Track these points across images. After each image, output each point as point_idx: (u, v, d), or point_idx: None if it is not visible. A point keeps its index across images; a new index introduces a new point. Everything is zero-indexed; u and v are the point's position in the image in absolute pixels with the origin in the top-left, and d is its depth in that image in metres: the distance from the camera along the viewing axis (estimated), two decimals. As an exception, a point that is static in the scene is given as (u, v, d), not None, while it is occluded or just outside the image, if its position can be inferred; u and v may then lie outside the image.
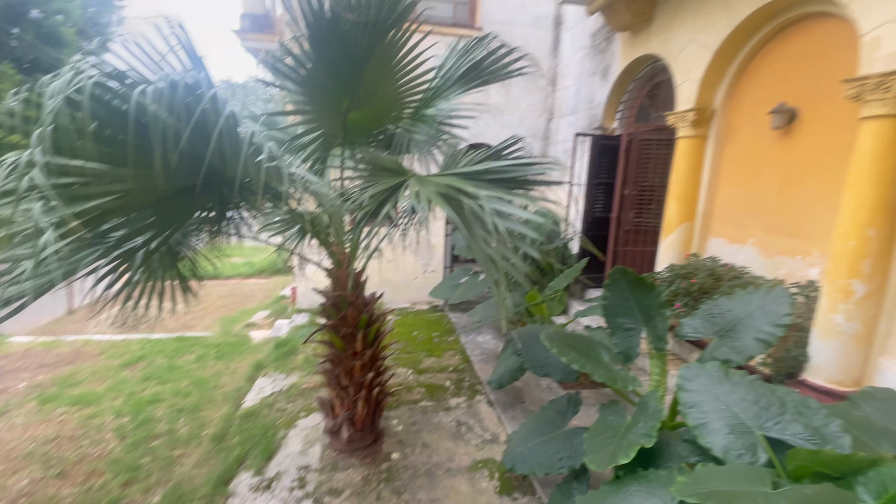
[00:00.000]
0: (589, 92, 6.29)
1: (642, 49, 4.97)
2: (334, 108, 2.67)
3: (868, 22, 2.69)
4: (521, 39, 7.09)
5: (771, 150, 3.63)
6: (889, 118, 2.58)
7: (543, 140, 7.62)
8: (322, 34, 2.22)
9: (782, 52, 3.59)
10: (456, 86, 3.08)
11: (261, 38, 8.47)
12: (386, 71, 2.62)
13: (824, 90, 3.16)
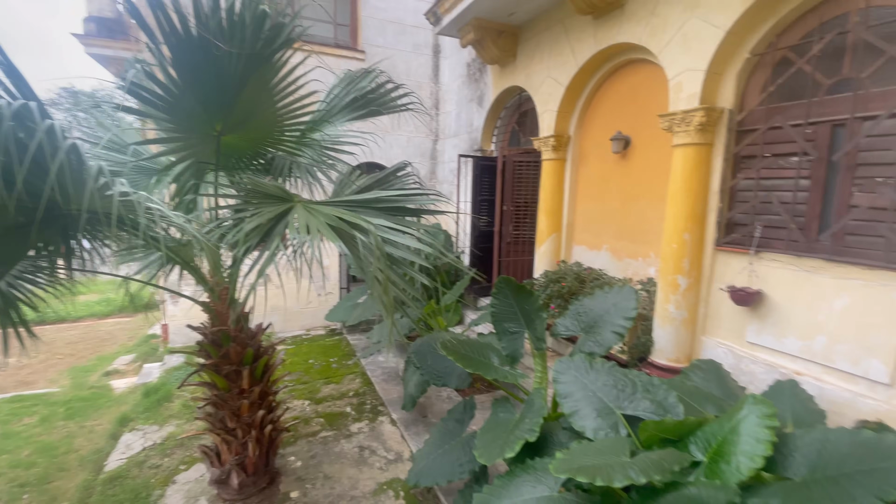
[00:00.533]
0: (468, 116, 6.78)
1: (510, 81, 5.55)
2: (205, 132, 2.49)
3: (673, 69, 3.41)
4: (403, 64, 7.39)
5: (614, 171, 4.34)
6: (692, 146, 3.29)
7: (431, 160, 7.96)
8: (188, 58, 2.08)
9: (617, 89, 4.34)
10: (342, 113, 3.12)
11: (110, 44, 7.47)
12: (264, 93, 2.53)
13: (648, 122, 3.90)
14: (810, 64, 2.81)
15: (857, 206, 2.63)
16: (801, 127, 2.85)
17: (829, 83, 2.76)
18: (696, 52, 3.19)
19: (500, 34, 5.31)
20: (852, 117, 2.63)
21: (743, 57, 3.10)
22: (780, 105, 2.98)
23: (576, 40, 4.38)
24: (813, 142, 2.82)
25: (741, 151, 3.20)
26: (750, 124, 3.14)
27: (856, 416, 2.60)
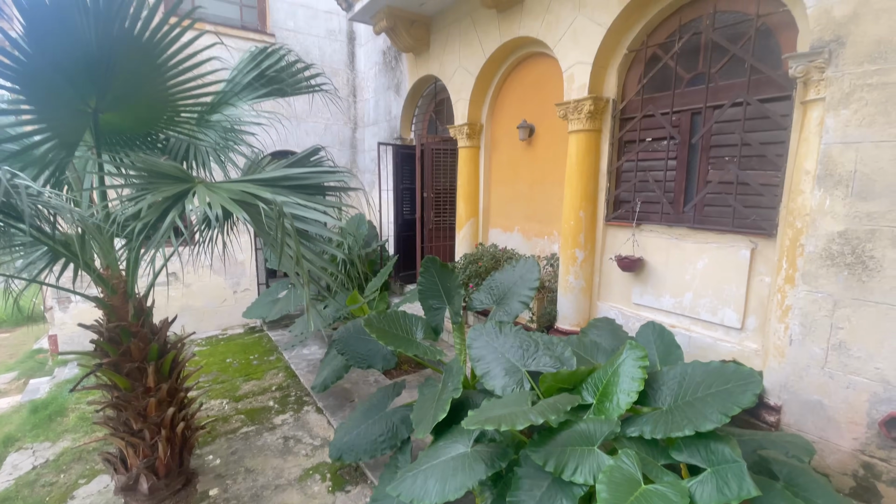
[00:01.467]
0: (386, 104, 6.80)
1: (425, 70, 5.67)
2: (75, 108, 2.28)
3: (566, 62, 3.75)
4: (316, 50, 7.19)
5: (522, 157, 4.66)
6: (584, 132, 3.65)
7: (351, 148, 7.85)
8: (43, 28, 1.89)
9: (522, 79, 4.65)
10: (245, 92, 3.00)
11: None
12: (149, 71, 2.37)
13: (549, 111, 4.24)
14: (673, 60, 3.26)
15: (711, 181, 3.13)
16: (668, 115, 3.31)
17: (689, 77, 3.23)
18: (583, 47, 3.54)
19: (413, 23, 5.39)
20: (705, 106, 3.11)
21: (622, 52, 3.50)
22: (653, 96, 3.42)
23: (483, 32, 4.61)
24: (678, 127, 3.28)
25: (624, 137, 3.62)
26: (630, 112, 3.57)
27: (716, 358, 3.11)
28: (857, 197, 2.30)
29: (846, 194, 2.33)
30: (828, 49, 2.37)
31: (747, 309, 2.97)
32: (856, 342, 2.32)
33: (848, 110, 2.32)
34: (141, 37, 2.13)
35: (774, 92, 2.79)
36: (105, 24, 1.99)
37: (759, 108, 2.86)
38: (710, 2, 3.07)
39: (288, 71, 3.24)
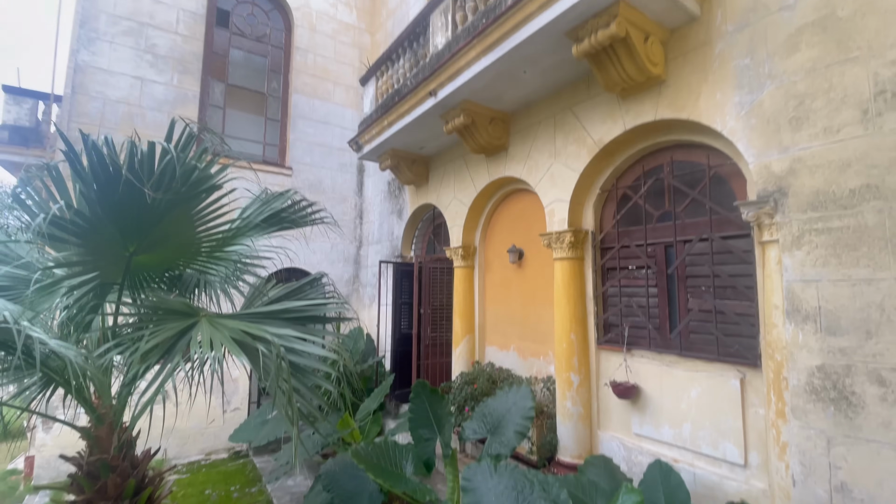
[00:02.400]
0: (389, 227, 7.34)
1: (424, 199, 6.26)
2: (117, 253, 2.54)
3: (546, 199, 4.18)
4: (329, 180, 7.99)
5: (513, 278, 4.90)
6: (567, 260, 3.92)
7: (355, 264, 8.24)
8: (114, 193, 2.21)
9: (510, 210, 5.11)
10: (255, 230, 3.33)
11: (23, 152, 7.29)
12: (184, 219, 2.67)
13: (535, 238, 4.59)
14: (642, 200, 3.65)
15: (692, 308, 3.27)
16: (643, 247, 3.59)
17: (658, 214, 3.58)
18: (561, 187, 3.99)
19: (414, 162, 6.11)
20: (676, 240, 3.40)
21: (596, 192, 3.94)
22: (628, 229, 3.76)
23: (474, 171, 5.21)
24: (653, 258, 3.54)
25: (605, 264, 3.88)
26: (608, 243, 3.87)
27: (724, 498, 2.91)
28: (826, 332, 2.41)
29: (816, 329, 2.44)
30: (773, 198, 2.69)
31: (747, 443, 2.88)
32: (856, 483, 2.23)
33: (801, 251, 2.55)
34: (185, 190, 2.48)
35: (735, 230, 3.08)
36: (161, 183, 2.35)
37: (723, 244, 3.13)
38: (667, 153, 3.55)
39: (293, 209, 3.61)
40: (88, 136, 2.19)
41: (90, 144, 2.14)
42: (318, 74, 7.98)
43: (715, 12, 3.04)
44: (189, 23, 6.76)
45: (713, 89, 3.01)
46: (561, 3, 3.00)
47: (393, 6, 8.00)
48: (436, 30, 4.56)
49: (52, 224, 2.21)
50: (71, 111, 6.02)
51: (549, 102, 4.22)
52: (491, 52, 3.65)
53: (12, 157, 7.39)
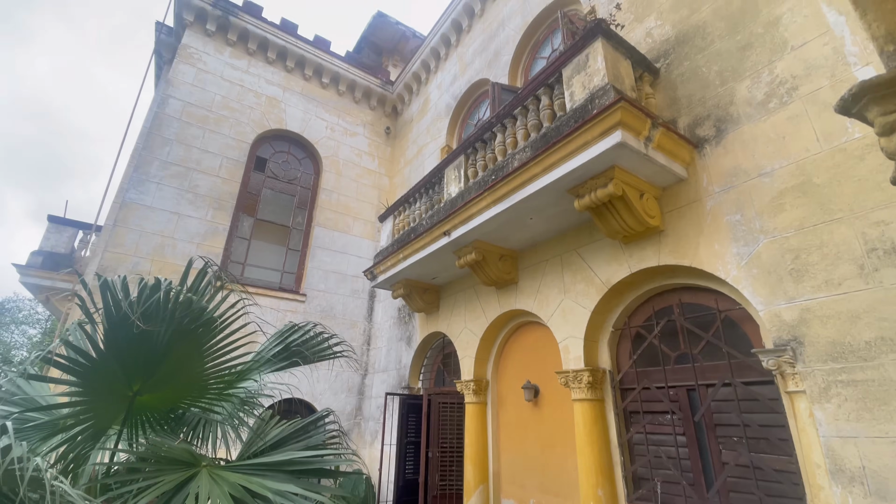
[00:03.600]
0: (398, 354, 7.22)
1: (434, 327, 6.29)
2: (120, 392, 2.51)
3: (559, 335, 4.19)
4: (340, 306, 8.13)
5: (530, 417, 4.64)
6: (587, 402, 3.76)
7: (359, 395, 7.89)
8: (121, 330, 2.29)
9: (522, 343, 5.08)
10: (267, 365, 3.31)
11: (51, 276, 7.65)
12: (193, 355, 2.70)
13: (551, 374, 4.47)
14: (657, 340, 3.65)
15: (727, 462, 3.02)
16: (665, 389, 3.48)
17: (674, 355, 3.54)
18: (573, 324, 4.04)
19: (426, 291, 6.30)
20: (697, 384, 3.30)
21: (609, 329, 3.96)
22: (646, 369, 3.68)
23: (485, 302, 5.33)
24: (677, 402, 3.39)
25: (627, 407, 3.70)
26: (628, 383, 3.76)
27: None
28: (877, 496, 2.19)
29: (865, 493, 2.23)
30: (790, 347, 2.70)
31: None
32: None
33: (831, 404, 2.46)
34: (194, 327, 2.54)
35: (757, 376, 3.01)
36: (173, 321, 2.43)
37: (747, 391, 3.03)
38: (675, 295, 3.67)
39: (310, 343, 3.63)
40: (103, 276, 2.34)
41: (104, 282, 2.28)
42: (339, 210, 8.71)
43: (700, 175, 3.43)
44: (230, 168, 7.66)
45: (710, 240, 3.24)
46: (561, 168, 3.43)
47: (410, 156, 9.10)
48: (450, 181, 5.12)
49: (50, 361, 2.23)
50: (108, 241, 6.48)
51: (555, 243, 4.51)
52: (500, 203, 4.04)
53: (41, 280, 7.74)
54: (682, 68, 3.81)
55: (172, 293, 2.29)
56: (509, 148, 4.29)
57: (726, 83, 3.46)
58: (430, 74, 9.14)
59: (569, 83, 3.62)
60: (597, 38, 3.45)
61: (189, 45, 7.91)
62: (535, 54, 6.53)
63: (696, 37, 3.80)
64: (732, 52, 3.48)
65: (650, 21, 4.24)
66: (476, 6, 7.78)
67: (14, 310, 23.89)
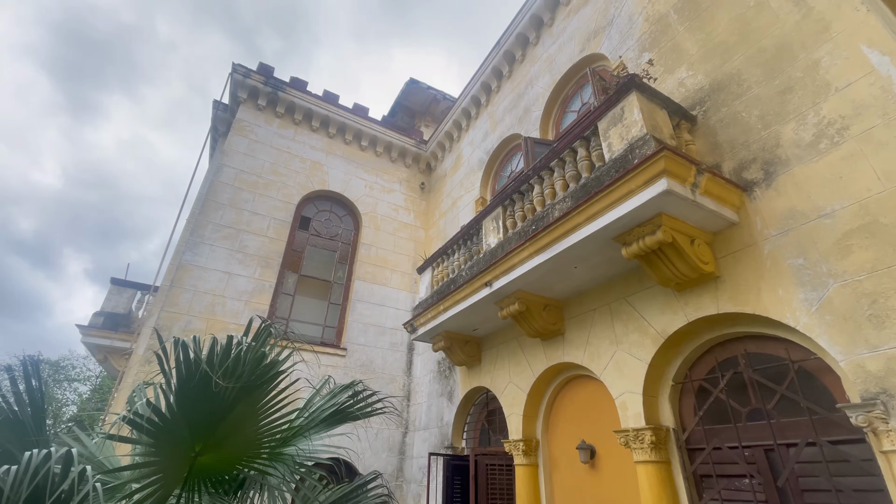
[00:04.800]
0: (438, 410, 7.01)
1: (476, 381, 6.11)
2: (184, 453, 2.56)
3: (615, 390, 3.98)
4: (380, 360, 8.10)
5: (587, 481, 4.32)
6: (652, 464, 3.48)
7: (399, 455, 7.63)
8: (191, 389, 2.38)
9: (573, 397, 4.84)
10: (319, 427, 3.30)
11: (110, 335, 8.07)
12: (249, 414, 2.75)
13: (607, 434, 4.19)
14: (724, 394, 3.40)
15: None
16: (738, 450, 3.18)
17: (745, 411, 3.27)
18: (630, 378, 3.83)
19: (467, 343, 6.20)
20: (776, 443, 3.01)
21: (668, 383, 3.74)
22: (714, 427, 3.41)
23: (530, 355, 5.18)
24: (754, 464, 3.09)
25: (697, 470, 3.40)
26: (695, 443, 3.47)
27: None
28: None
29: None
30: (880, 401, 2.45)
31: None
32: None
33: (943, 468, 2.18)
34: (260, 383, 2.60)
35: (844, 434, 2.73)
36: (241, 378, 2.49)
37: (835, 451, 2.73)
38: (739, 344, 3.45)
39: (356, 401, 3.61)
40: (180, 338, 2.45)
41: (178, 341, 2.39)
42: (378, 264, 8.92)
43: (753, 218, 3.34)
44: (277, 228, 8.09)
45: (772, 286, 3.08)
46: (606, 217, 3.43)
47: (445, 209, 9.35)
48: (488, 231, 5.19)
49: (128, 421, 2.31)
50: (164, 301, 6.84)
51: (603, 292, 4.41)
52: (542, 252, 4.04)
53: (100, 340, 8.16)
54: (721, 114, 3.84)
55: (243, 350, 2.38)
56: (548, 199, 4.35)
57: (769, 126, 3.45)
58: (462, 132, 9.58)
59: (605, 135, 3.70)
60: (631, 91, 3.56)
61: (242, 118, 8.69)
62: (565, 108, 6.76)
63: (732, 84, 3.85)
64: (772, 97, 3.50)
65: (681, 72, 4.35)
66: (504, 68, 8.25)
67: (68, 367, 25.10)
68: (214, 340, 2.49)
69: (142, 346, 6.77)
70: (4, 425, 2.31)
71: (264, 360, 2.58)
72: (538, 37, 7.53)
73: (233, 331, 6.98)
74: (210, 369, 2.40)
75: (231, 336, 2.44)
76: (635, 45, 5.11)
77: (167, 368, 2.38)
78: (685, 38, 4.44)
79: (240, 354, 2.41)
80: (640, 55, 4.93)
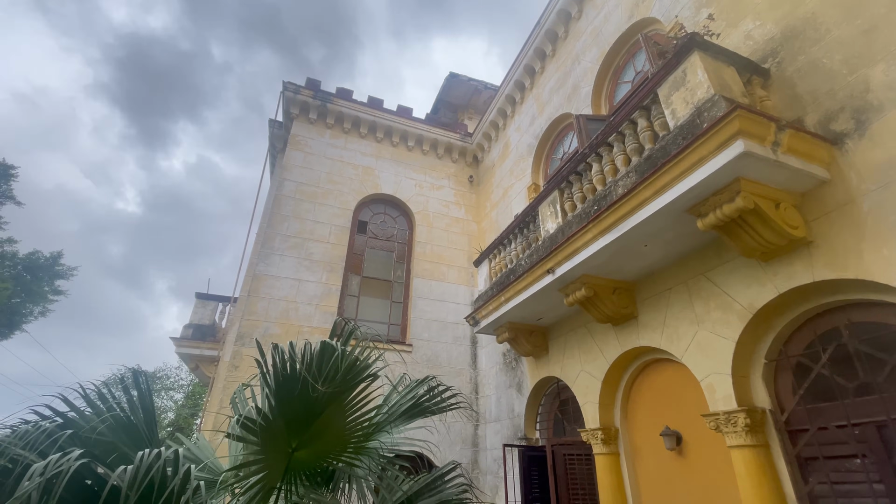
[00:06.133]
0: (508, 402, 6.99)
1: (545, 372, 6.02)
2: (282, 449, 2.75)
3: (700, 372, 3.75)
4: (444, 354, 8.21)
5: (674, 470, 4.11)
6: (748, 448, 3.25)
7: (473, 447, 7.70)
8: (288, 391, 2.57)
9: (651, 384, 4.63)
10: (399, 420, 3.42)
11: (199, 345, 8.83)
12: (338, 412, 2.91)
13: (693, 418, 3.97)
14: (826, 369, 3.09)
15: (969, 525, 2.36)
16: (847, 428, 2.89)
17: (853, 386, 2.96)
18: (715, 358, 3.59)
19: (532, 333, 6.12)
20: (889, 418, 2.70)
21: (761, 362, 3.46)
22: (817, 406, 3.11)
23: (601, 341, 5.01)
24: (865, 443, 2.79)
25: (801, 453, 3.12)
26: (797, 424, 3.19)
27: None
28: None
29: None
30: None
31: None
32: None
33: None
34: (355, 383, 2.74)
35: None
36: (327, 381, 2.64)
37: (980, 428, 2.39)
38: (841, 314, 3.12)
39: (431, 395, 3.69)
40: (278, 345, 2.62)
41: (275, 347, 2.56)
42: (434, 260, 9.04)
43: (847, 174, 3.00)
44: (338, 234, 8.45)
45: (876, 246, 2.75)
46: (676, 188, 3.23)
47: (496, 199, 9.27)
48: (545, 217, 5.08)
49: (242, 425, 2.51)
50: (244, 311, 7.38)
51: (677, 269, 4.16)
52: (607, 233, 3.88)
53: (191, 350, 8.97)
54: (798, 64, 3.48)
55: (337, 355, 2.51)
56: (608, 176, 4.17)
57: (856, 71, 3.08)
58: (508, 119, 9.43)
59: (667, 102, 3.48)
60: (692, 51, 3.32)
61: (297, 133, 9.15)
62: (617, 80, 6.44)
63: (807, 29, 3.47)
64: (856, 38, 3.12)
65: (747, 23, 3.99)
66: (547, 48, 8.01)
67: (164, 377, 27.82)
68: (307, 345, 2.66)
69: (227, 352, 7.36)
70: (120, 430, 2.58)
71: (357, 364, 2.71)
72: (580, 10, 7.23)
73: (307, 333, 7.39)
74: (308, 373, 2.56)
75: (325, 342, 2.59)
76: (690, 1, 4.75)
77: (265, 372, 2.56)
78: (748, -14, 4.06)
79: (335, 359, 2.55)
80: (698, 12, 4.58)
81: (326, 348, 2.55)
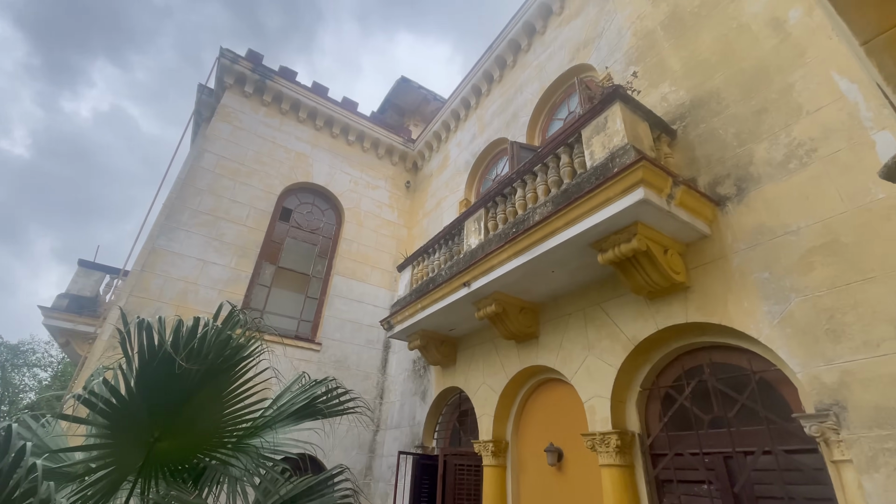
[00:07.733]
0: (411, 409, 6.98)
1: (450, 381, 6.12)
2: (142, 438, 2.48)
3: (584, 394, 4.04)
4: (355, 356, 8.02)
5: (554, 485, 4.37)
6: (616, 468, 3.55)
7: (369, 453, 7.56)
8: (154, 369, 2.31)
9: (544, 400, 4.89)
10: (287, 420, 3.25)
11: (73, 319, 7.78)
12: (213, 402, 2.68)
13: (575, 437, 4.25)
14: (688, 402, 3.49)
15: (774, 543, 2.77)
16: (699, 456, 3.27)
17: (708, 418, 3.37)
18: (599, 382, 3.90)
19: (443, 343, 6.20)
20: (734, 451, 3.11)
21: (636, 389, 3.82)
22: (678, 434, 3.49)
23: (504, 357, 5.21)
24: (713, 471, 3.18)
25: (659, 475, 3.47)
26: (659, 448, 3.56)
27: None
28: None
29: (945, 588, 2.00)
30: (832, 412, 2.56)
31: None
32: None
33: (880, 475, 2.30)
34: (226, 367, 2.54)
35: (799, 443, 2.83)
36: (206, 361, 2.43)
37: (789, 460, 2.84)
38: (705, 354, 3.55)
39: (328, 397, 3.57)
40: (144, 319, 2.38)
41: (141, 322, 2.32)
42: (359, 260, 8.86)
43: (724, 232, 3.45)
44: (257, 217, 7.95)
45: (739, 298, 3.19)
46: (584, 222, 3.49)
47: (429, 208, 9.35)
48: (470, 232, 5.22)
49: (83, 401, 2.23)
50: (134, 286, 6.64)
51: (578, 297, 4.48)
52: (521, 255, 4.08)
53: (63, 323, 7.87)
54: (699, 130, 3.96)
55: (209, 331, 2.33)
56: (529, 202, 4.40)
57: (744, 144, 3.57)
58: (451, 133, 9.61)
59: (588, 143, 3.77)
60: (615, 101, 3.64)
61: (227, 104, 8.53)
62: (552, 116, 6.86)
63: (711, 101, 3.97)
64: (748, 116, 3.62)
65: (665, 87, 4.47)
66: (495, 73, 8.32)
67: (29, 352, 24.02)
68: (180, 322, 2.43)
69: (107, 331, 6.55)
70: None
71: (230, 344, 2.53)
72: (530, 44, 7.62)
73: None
74: (174, 351, 2.34)
75: (198, 318, 2.39)
76: (623, 58, 5.23)
77: (130, 350, 2.31)
78: (670, 55, 4.56)
79: (205, 336, 2.35)
80: (627, 68, 5.05)
81: (198, 324, 2.35)
